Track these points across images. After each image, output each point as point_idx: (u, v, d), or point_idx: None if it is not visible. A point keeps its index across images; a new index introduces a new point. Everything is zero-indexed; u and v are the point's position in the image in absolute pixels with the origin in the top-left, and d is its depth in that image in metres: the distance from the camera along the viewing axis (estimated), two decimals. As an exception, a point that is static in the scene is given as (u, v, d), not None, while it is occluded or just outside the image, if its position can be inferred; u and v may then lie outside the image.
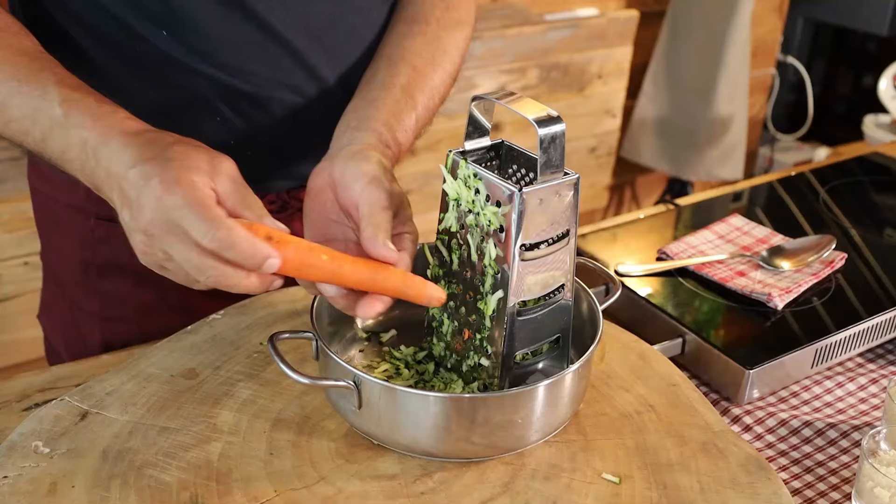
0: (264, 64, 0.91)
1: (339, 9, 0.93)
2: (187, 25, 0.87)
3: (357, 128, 0.83)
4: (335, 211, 0.78)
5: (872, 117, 2.76)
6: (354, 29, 0.96)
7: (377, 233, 0.71)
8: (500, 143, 0.79)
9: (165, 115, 0.92)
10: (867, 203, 1.36)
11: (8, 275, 1.94)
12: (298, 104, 0.95)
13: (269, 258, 0.64)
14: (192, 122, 0.92)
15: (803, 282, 1.06)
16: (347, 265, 0.70)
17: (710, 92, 2.68)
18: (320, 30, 0.93)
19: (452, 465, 0.75)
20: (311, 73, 0.94)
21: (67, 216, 1.01)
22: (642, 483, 0.74)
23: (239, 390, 0.82)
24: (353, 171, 0.76)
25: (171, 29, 0.87)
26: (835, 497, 0.83)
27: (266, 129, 0.95)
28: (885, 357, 1.04)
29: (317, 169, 0.79)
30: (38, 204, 1.07)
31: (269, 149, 0.98)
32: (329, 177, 0.77)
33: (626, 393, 0.85)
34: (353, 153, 0.78)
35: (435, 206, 0.79)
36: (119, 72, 0.89)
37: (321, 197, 0.78)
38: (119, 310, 1.03)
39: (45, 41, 0.80)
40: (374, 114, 0.85)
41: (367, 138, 0.82)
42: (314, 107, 0.96)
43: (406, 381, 0.82)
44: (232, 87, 0.91)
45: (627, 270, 1.09)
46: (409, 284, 0.73)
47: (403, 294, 0.73)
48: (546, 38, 2.50)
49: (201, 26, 0.87)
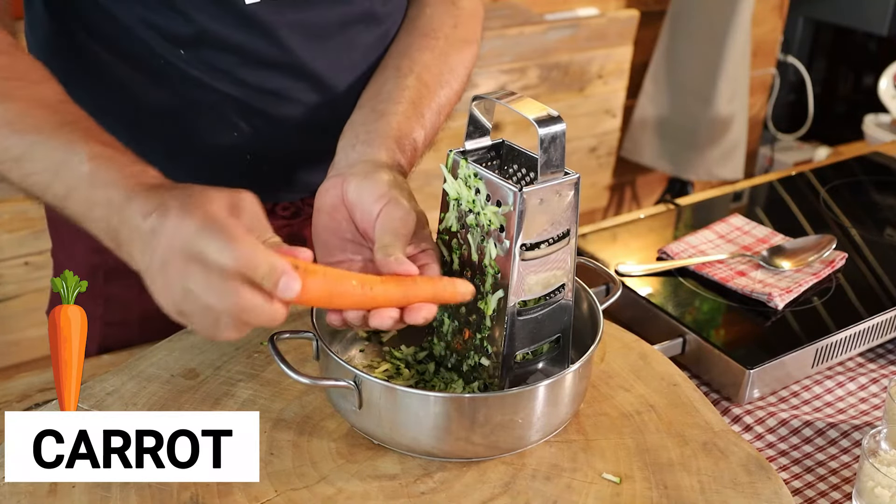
0: (281, 80, 0.91)
1: (353, 24, 0.93)
2: (207, 44, 0.87)
3: (367, 142, 0.82)
4: (350, 230, 0.76)
5: (873, 117, 2.76)
6: (367, 42, 0.95)
7: (387, 253, 0.70)
8: (501, 143, 0.79)
9: (184, 130, 0.92)
10: (867, 203, 1.36)
11: (8, 275, 1.94)
12: (312, 117, 0.95)
13: (291, 278, 0.61)
14: (211, 136, 0.92)
15: (804, 281, 1.06)
16: (378, 286, 0.68)
17: (711, 92, 2.68)
18: (334, 45, 0.92)
19: (453, 465, 0.75)
20: (324, 87, 0.94)
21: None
22: (643, 483, 0.74)
23: (239, 390, 0.82)
24: (370, 191, 0.74)
25: (190, 48, 0.87)
26: (835, 497, 0.83)
27: (280, 142, 0.95)
28: (885, 357, 1.04)
29: (326, 186, 0.77)
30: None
31: (284, 161, 0.98)
32: (342, 195, 0.76)
33: (627, 393, 0.85)
34: (366, 171, 0.76)
35: (435, 205, 0.79)
36: (138, 88, 0.89)
37: (335, 216, 0.76)
38: (122, 315, 1.03)
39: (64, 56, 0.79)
40: (384, 128, 0.83)
41: (379, 155, 0.80)
42: (327, 117, 0.96)
43: (406, 381, 0.82)
44: (248, 103, 0.91)
45: (628, 270, 1.09)
46: (441, 287, 0.72)
47: (440, 298, 0.71)
48: (546, 37, 2.50)
49: (221, 46, 0.87)
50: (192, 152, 0.93)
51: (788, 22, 3.04)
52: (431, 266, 0.73)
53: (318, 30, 0.90)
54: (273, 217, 1.00)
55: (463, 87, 0.96)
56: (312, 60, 0.91)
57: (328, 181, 0.78)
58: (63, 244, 1.07)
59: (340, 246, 0.77)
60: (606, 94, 2.69)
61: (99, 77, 0.89)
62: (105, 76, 0.89)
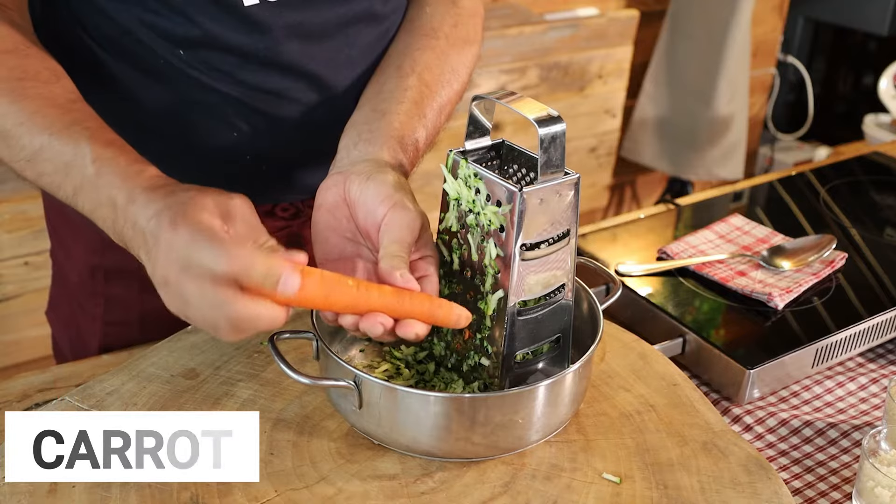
0: (280, 80, 0.91)
1: (353, 24, 0.93)
2: (206, 45, 0.87)
3: (369, 141, 0.81)
4: (350, 230, 0.76)
5: (873, 117, 2.76)
6: (367, 42, 0.95)
7: (394, 266, 0.70)
8: (501, 143, 0.79)
9: (183, 131, 0.92)
10: (867, 203, 1.36)
11: (8, 275, 1.94)
12: (312, 117, 0.94)
13: (290, 275, 0.62)
14: (210, 137, 0.92)
15: (804, 281, 1.06)
16: (374, 292, 0.69)
17: (711, 92, 2.67)
18: (333, 45, 0.92)
19: (453, 464, 0.75)
20: (323, 87, 0.93)
21: (80, 218, 1.01)
22: (643, 483, 0.74)
23: (239, 390, 0.82)
24: (375, 192, 0.74)
25: (189, 49, 0.87)
26: (835, 497, 0.83)
27: (280, 143, 0.95)
28: (885, 357, 1.04)
29: (327, 184, 0.77)
30: (50, 203, 1.07)
31: (284, 162, 0.97)
32: (344, 194, 0.76)
33: (627, 393, 0.85)
34: (369, 171, 0.76)
35: (435, 205, 0.79)
36: (137, 89, 0.89)
37: (335, 213, 0.76)
38: (122, 315, 1.03)
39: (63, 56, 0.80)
40: (386, 128, 0.83)
41: (382, 154, 0.80)
42: (326, 118, 0.95)
43: (406, 381, 0.82)
44: (248, 104, 0.91)
45: (628, 270, 1.09)
46: (437, 306, 0.72)
47: (432, 317, 0.71)
48: (546, 37, 2.50)
49: (221, 47, 0.87)
50: (191, 153, 0.93)
51: (788, 22, 3.04)
52: (430, 278, 0.73)
53: (317, 30, 0.90)
54: (273, 218, 1.00)
55: (464, 87, 0.96)
56: (311, 60, 0.91)
57: (330, 178, 0.78)
58: (62, 244, 1.07)
59: (340, 244, 0.77)
60: (606, 94, 2.69)
61: (98, 77, 0.89)
62: (104, 77, 0.89)
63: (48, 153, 0.72)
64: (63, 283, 1.09)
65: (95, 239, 1.00)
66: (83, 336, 1.06)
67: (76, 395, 0.80)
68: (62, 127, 0.72)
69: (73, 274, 1.05)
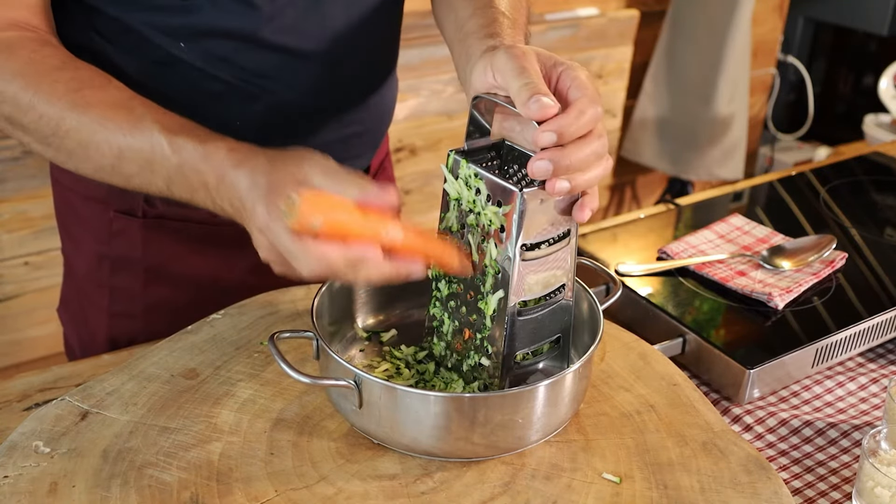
0: (279, 62, 0.91)
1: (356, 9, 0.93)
2: (204, 33, 0.87)
3: (492, 35, 0.81)
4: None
5: (873, 117, 2.76)
6: (371, 27, 0.95)
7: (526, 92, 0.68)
8: (501, 143, 0.79)
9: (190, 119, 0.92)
10: (867, 203, 1.36)
11: (8, 275, 1.94)
12: (315, 105, 0.95)
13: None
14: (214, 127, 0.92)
15: (804, 281, 1.06)
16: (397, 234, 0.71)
17: (711, 92, 2.68)
18: (337, 32, 0.92)
19: (453, 464, 0.75)
20: (328, 74, 0.94)
21: (87, 208, 1.02)
22: (643, 483, 0.74)
23: (239, 390, 0.82)
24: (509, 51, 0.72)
25: (189, 38, 0.87)
26: (835, 497, 0.83)
27: (285, 130, 0.95)
28: (885, 357, 1.04)
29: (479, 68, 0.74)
30: (59, 195, 1.07)
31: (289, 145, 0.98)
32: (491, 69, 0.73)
33: (627, 393, 0.85)
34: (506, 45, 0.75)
35: (436, 205, 0.79)
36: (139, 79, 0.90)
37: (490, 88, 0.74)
38: (127, 306, 1.03)
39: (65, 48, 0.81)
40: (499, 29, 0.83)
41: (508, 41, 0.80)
42: (331, 106, 0.96)
43: (406, 381, 0.82)
44: (249, 91, 0.91)
45: (628, 270, 1.09)
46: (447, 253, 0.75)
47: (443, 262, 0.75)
48: (546, 37, 2.50)
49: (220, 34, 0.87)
50: None
51: (788, 22, 3.04)
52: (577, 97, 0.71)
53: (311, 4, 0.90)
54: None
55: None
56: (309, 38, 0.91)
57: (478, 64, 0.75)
58: (71, 235, 1.08)
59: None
60: (606, 94, 2.69)
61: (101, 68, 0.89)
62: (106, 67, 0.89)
63: (128, 153, 0.76)
64: (72, 276, 1.10)
65: (102, 229, 1.00)
66: (91, 330, 1.07)
67: (76, 395, 0.80)
68: (132, 126, 0.76)
69: (82, 265, 1.06)
